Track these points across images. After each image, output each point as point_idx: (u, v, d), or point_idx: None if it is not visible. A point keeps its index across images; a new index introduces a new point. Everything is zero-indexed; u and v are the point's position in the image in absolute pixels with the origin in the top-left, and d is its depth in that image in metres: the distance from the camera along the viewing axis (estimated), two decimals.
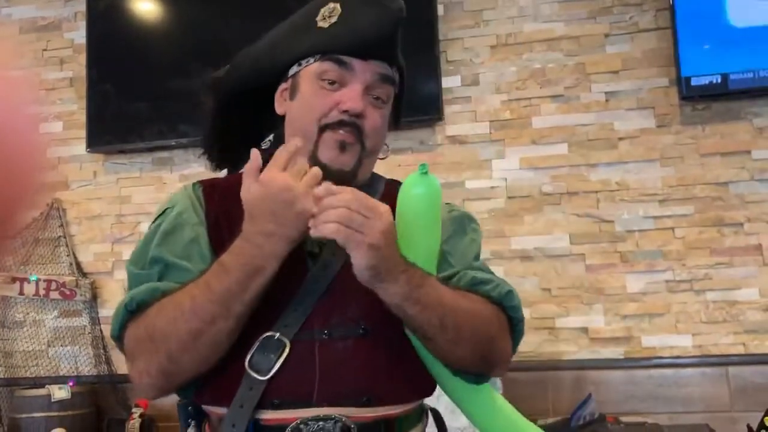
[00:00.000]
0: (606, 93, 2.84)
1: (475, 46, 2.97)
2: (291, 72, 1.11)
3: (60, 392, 2.75)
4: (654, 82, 2.81)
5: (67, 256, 3.15)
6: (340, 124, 1.03)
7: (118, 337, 1.02)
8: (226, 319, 0.93)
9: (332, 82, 1.05)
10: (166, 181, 3.15)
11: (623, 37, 2.85)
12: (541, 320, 2.75)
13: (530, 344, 2.72)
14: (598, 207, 2.79)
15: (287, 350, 0.97)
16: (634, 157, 2.79)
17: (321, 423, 0.95)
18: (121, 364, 3.06)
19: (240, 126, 1.20)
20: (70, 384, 2.82)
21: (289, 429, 0.95)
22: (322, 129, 1.04)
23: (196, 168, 3.13)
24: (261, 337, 0.98)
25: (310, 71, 1.07)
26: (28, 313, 3.15)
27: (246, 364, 0.97)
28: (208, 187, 1.13)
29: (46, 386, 2.79)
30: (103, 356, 3.04)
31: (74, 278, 3.08)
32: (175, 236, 1.05)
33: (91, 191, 3.22)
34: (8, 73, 0.36)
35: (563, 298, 2.76)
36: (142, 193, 3.17)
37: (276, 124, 1.15)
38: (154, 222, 1.11)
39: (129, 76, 3.17)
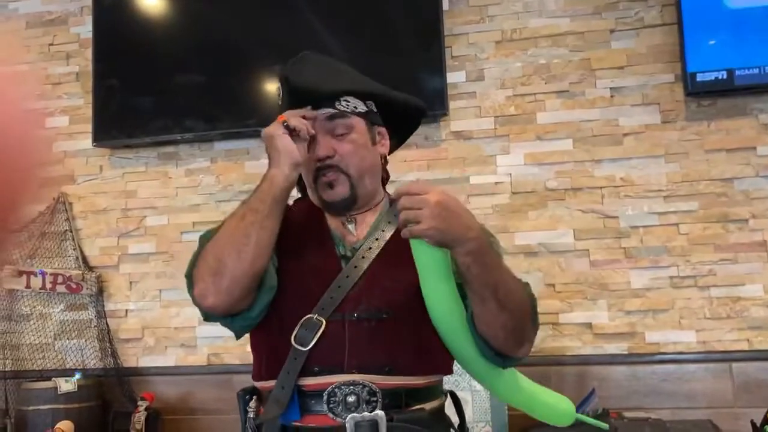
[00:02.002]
0: (611, 89, 2.84)
1: (480, 42, 2.96)
2: None
3: (66, 385, 2.77)
4: (659, 78, 2.80)
5: (74, 249, 3.17)
6: (320, 169, 1.30)
7: (191, 274, 1.24)
8: (253, 213, 1.19)
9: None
10: (171, 176, 3.16)
11: (628, 33, 2.85)
12: (545, 315, 2.75)
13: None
14: (602, 203, 2.79)
15: (323, 327, 1.20)
16: (638, 153, 2.78)
17: (352, 387, 1.19)
18: (126, 358, 3.08)
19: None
20: (77, 377, 2.84)
21: (326, 392, 1.19)
22: (315, 179, 1.32)
23: (202, 162, 3.14)
24: (303, 318, 1.21)
25: None
26: (34, 307, 3.17)
27: (292, 339, 1.21)
28: None
29: (53, 379, 2.81)
30: (109, 349, 3.05)
31: (80, 272, 3.10)
32: None
33: (97, 185, 3.24)
34: (9, 68, 0.36)
35: (567, 293, 2.77)
36: (148, 188, 3.18)
37: None
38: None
39: (135, 71, 3.18)
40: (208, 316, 1.23)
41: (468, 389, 2.42)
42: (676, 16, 2.73)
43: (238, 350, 2.93)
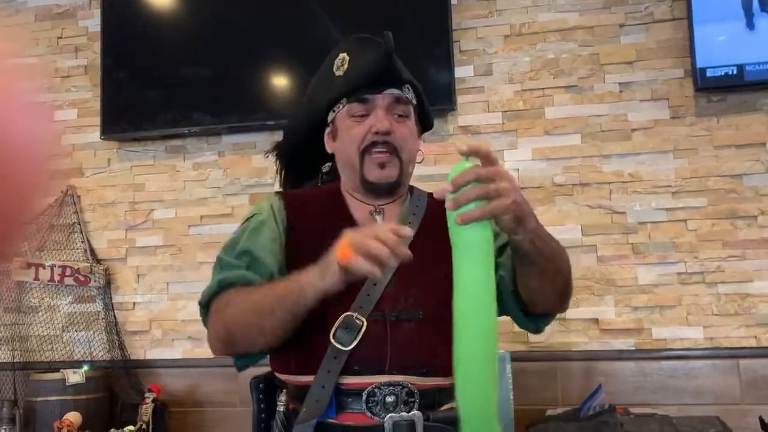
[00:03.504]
0: (620, 84, 2.82)
1: (489, 36, 2.95)
2: (330, 118, 1.36)
3: (74, 376, 2.79)
4: (669, 73, 2.79)
5: (82, 242, 3.18)
6: (374, 144, 1.26)
7: (205, 305, 1.27)
8: (271, 316, 1.16)
9: (361, 116, 1.29)
10: (179, 169, 3.17)
11: (638, 28, 2.83)
12: None
13: (540, 334, 2.72)
14: (610, 198, 2.78)
15: (364, 327, 1.19)
16: (647, 148, 2.77)
17: (391, 387, 1.20)
18: (134, 350, 3.10)
19: (305, 156, 1.47)
20: (84, 368, 2.86)
21: (366, 392, 1.19)
22: (363, 153, 1.27)
23: (209, 156, 3.15)
24: (342, 316, 1.20)
25: (342, 114, 1.31)
26: (43, 299, 3.19)
27: (331, 337, 1.19)
28: (289, 197, 1.37)
29: (61, 370, 2.82)
30: (117, 341, 3.07)
31: (88, 264, 3.11)
32: (259, 235, 1.30)
33: (105, 178, 3.25)
34: (14, 63, 0.36)
35: (574, 288, 2.74)
36: (156, 181, 3.19)
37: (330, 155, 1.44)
38: (243, 223, 1.36)
39: (143, 64, 3.18)
40: None
41: None
42: (686, 10, 2.71)
43: None
